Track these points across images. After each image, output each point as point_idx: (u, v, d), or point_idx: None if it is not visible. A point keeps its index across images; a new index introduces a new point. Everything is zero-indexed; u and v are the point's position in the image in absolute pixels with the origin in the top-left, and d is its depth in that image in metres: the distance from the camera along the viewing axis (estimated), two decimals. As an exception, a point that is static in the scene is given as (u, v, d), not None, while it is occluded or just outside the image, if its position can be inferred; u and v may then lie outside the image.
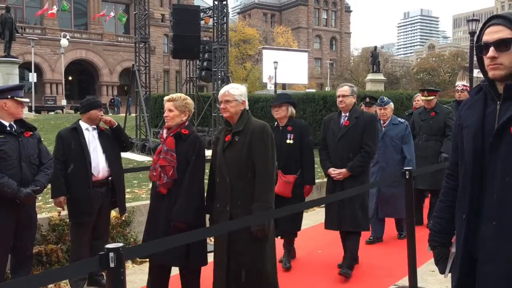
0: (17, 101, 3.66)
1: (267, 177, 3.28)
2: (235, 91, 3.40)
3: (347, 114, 4.59)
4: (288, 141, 4.70)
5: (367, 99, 6.61)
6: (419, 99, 7.52)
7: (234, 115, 3.40)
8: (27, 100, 3.85)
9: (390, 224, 5.97)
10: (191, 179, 3.50)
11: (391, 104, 5.69)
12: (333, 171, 4.56)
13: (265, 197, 3.25)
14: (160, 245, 2.26)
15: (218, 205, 3.42)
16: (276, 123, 4.82)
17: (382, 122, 5.66)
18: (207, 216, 3.66)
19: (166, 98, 3.65)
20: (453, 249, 2.03)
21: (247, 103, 3.47)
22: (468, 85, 6.89)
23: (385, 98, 5.65)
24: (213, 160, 3.55)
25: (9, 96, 3.62)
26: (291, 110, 4.76)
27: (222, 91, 3.45)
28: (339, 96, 4.57)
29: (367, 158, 4.51)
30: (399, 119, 5.74)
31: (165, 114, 3.62)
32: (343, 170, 4.50)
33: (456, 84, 6.97)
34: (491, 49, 1.78)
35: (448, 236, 2.06)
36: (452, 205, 2.01)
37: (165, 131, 3.66)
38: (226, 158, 3.36)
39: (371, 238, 5.71)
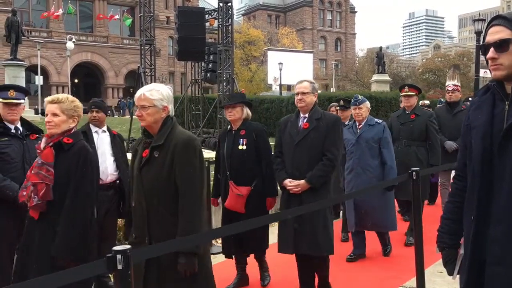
0: (3, 103, 3.55)
1: (193, 204, 2.62)
2: (153, 95, 2.70)
3: (307, 115, 3.91)
4: (240, 146, 4.14)
5: (341, 102, 6.05)
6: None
7: (153, 124, 2.72)
8: (18, 101, 3.61)
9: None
10: (73, 202, 2.83)
11: (367, 103, 5.08)
12: (289, 183, 3.83)
13: (189, 228, 2.56)
14: (167, 247, 2.26)
15: (135, 236, 2.80)
16: (229, 126, 4.32)
17: (357, 123, 5.06)
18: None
19: (48, 99, 2.97)
20: (462, 251, 2.01)
21: (171, 109, 2.77)
22: (459, 84, 6.44)
23: (360, 97, 5.03)
24: (131, 178, 2.88)
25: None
26: (247, 111, 4.24)
27: (137, 93, 2.75)
28: (297, 94, 3.91)
29: (329, 168, 3.81)
30: (376, 119, 5.11)
31: (47, 119, 2.94)
32: (301, 181, 3.77)
33: (447, 84, 6.51)
34: (491, 50, 1.78)
35: (457, 238, 2.05)
36: (460, 206, 2.00)
37: (44, 140, 2.97)
38: (143, 178, 2.70)
39: (352, 255, 5.11)
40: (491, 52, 1.78)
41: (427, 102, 10.51)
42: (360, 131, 5.00)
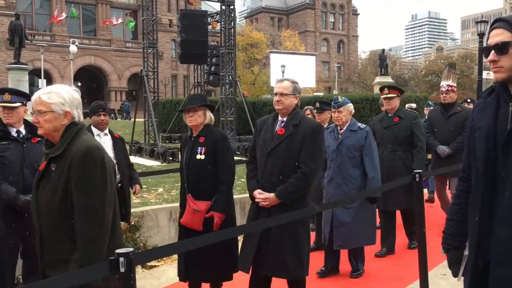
0: (1, 107, 3.55)
1: (90, 227, 2.18)
2: (52, 98, 2.30)
3: (285, 119, 3.42)
4: (198, 156, 3.66)
5: (317, 104, 5.55)
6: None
7: (53, 132, 2.33)
8: (13, 104, 3.55)
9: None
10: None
11: (349, 106, 4.50)
12: (258, 195, 3.35)
13: (84, 259, 2.14)
14: (170, 250, 2.25)
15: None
16: (190, 132, 3.88)
17: (338, 128, 4.53)
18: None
19: None
20: (466, 252, 2.01)
21: (76, 114, 2.38)
22: (454, 85, 5.96)
23: (340, 98, 4.50)
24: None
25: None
26: (209, 115, 3.77)
27: (33, 96, 2.38)
28: (276, 94, 3.42)
29: (303, 182, 3.28)
30: (360, 124, 4.53)
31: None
32: (271, 195, 3.28)
33: (441, 84, 6.06)
34: (492, 52, 1.80)
35: (462, 239, 2.05)
36: (465, 208, 2.00)
37: None
38: (39, 195, 2.32)
39: (323, 269, 4.62)
40: (492, 55, 1.79)
41: (413, 105, 9.93)
42: (341, 136, 4.47)
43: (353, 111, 4.54)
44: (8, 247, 3.45)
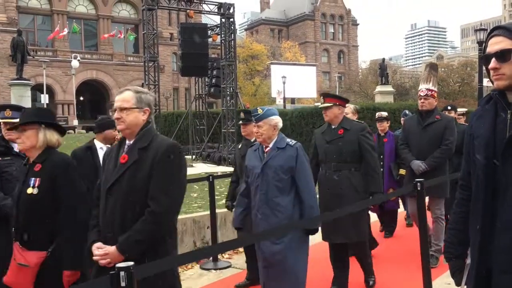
0: (3, 123, 3.59)
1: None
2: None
3: (131, 141, 2.57)
4: (30, 189, 2.78)
5: (242, 114, 4.79)
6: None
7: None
8: (14, 120, 3.47)
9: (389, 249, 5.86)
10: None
11: (272, 119, 3.57)
12: (96, 250, 2.46)
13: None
14: (172, 262, 2.24)
15: None
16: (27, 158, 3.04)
17: (263, 146, 3.63)
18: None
19: None
20: (468, 260, 2.00)
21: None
22: (434, 89, 5.14)
23: (260, 110, 3.60)
24: None
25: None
26: (47, 136, 2.89)
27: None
28: (115, 110, 2.59)
29: (152, 226, 2.40)
30: (289, 140, 3.62)
31: None
32: (111, 249, 2.41)
33: (419, 88, 5.21)
34: (493, 60, 1.80)
35: (463, 248, 2.04)
36: (466, 216, 1.99)
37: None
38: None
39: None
40: (493, 62, 1.79)
41: (384, 113, 6.98)
42: (267, 156, 3.58)
43: (280, 125, 3.63)
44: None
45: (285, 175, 3.51)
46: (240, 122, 4.77)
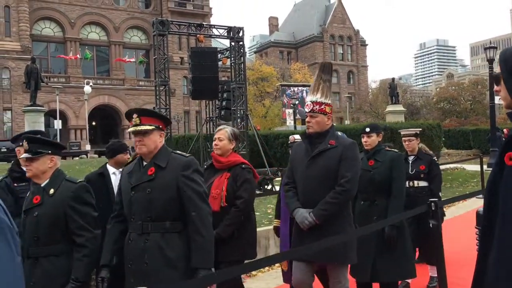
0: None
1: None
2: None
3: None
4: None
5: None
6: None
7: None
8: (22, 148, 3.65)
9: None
10: None
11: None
12: None
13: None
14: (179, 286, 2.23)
15: None
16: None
17: None
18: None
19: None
20: None
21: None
22: (326, 101, 3.50)
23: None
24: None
25: (20, 144, 3.68)
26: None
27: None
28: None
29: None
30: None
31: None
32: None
33: (306, 102, 3.73)
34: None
35: None
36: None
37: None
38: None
39: None
40: (495, 85, 1.85)
41: (297, 136, 5.00)
42: None
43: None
44: None
45: None
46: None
